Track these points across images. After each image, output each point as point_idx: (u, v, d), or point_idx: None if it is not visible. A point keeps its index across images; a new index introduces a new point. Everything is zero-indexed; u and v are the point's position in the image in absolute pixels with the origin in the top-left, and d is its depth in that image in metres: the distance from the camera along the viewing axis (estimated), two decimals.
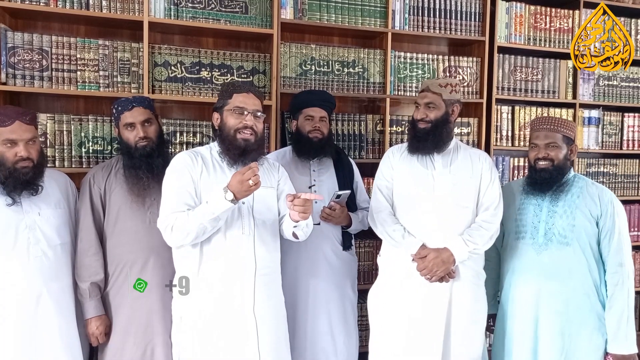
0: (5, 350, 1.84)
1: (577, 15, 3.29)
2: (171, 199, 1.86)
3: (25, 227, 1.89)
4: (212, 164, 1.93)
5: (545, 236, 2.11)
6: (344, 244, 2.45)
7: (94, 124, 2.56)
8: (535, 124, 2.19)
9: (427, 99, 2.14)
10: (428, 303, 2.07)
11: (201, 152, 1.96)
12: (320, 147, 2.40)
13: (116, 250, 2.08)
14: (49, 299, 1.91)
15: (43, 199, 1.95)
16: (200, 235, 1.80)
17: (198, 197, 1.87)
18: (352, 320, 2.47)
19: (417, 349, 2.07)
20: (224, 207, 1.74)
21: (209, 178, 1.89)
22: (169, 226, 1.81)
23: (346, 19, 2.90)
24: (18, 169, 1.85)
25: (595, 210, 2.08)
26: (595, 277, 2.08)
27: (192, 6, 2.65)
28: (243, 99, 1.90)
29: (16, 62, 2.42)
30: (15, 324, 1.86)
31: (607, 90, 3.43)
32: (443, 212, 2.09)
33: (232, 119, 1.89)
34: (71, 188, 2.12)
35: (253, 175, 1.71)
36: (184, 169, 1.88)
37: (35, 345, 1.89)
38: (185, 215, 1.79)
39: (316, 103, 2.44)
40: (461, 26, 3.09)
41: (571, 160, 2.18)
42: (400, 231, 2.11)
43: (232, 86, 1.96)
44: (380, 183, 2.23)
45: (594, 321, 2.07)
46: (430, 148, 2.14)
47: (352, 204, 2.46)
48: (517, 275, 2.17)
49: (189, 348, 1.87)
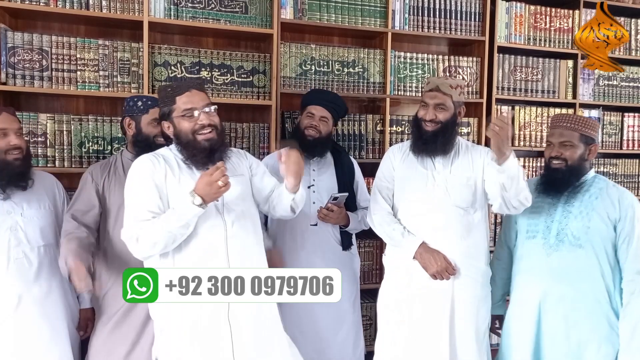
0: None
1: (577, 15, 3.29)
2: (134, 207, 1.72)
3: (6, 229, 1.86)
4: (176, 164, 1.78)
5: (557, 237, 2.02)
6: (343, 243, 2.44)
7: (94, 124, 2.56)
8: (553, 121, 2.09)
9: (437, 100, 2.08)
10: (431, 302, 2.07)
11: (162, 154, 1.81)
12: (313, 145, 2.37)
13: (116, 249, 2.07)
14: (31, 302, 1.88)
15: (27, 198, 1.92)
16: (169, 244, 1.67)
17: (165, 201, 1.73)
18: (350, 321, 2.45)
19: (424, 349, 2.06)
20: (192, 213, 1.62)
21: (175, 178, 1.75)
22: (133, 237, 1.67)
23: (346, 19, 2.90)
24: (9, 160, 1.84)
25: (614, 213, 1.96)
26: (608, 283, 1.96)
27: (192, 6, 2.65)
28: (187, 98, 1.74)
29: (16, 62, 2.42)
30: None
31: (607, 90, 3.43)
32: (442, 212, 2.08)
33: (185, 123, 1.74)
34: (58, 189, 2.09)
35: (222, 176, 1.60)
36: (145, 173, 1.73)
37: (17, 348, 1.85)
38: (150, 224, 1.65)
39: (320, 102, 2.43)
40: (461, 26, 3.09)
41: (589, 161, 2.06)
42: (400, 230, 2.10)
43: (170, 89, 1.79)
44: (381, 184, 2.22)
45: (604, 329, 1.95)
46: (436, 150, 2.10)
47: (351, 203, 2.46)
48: (525, 276, 2.10)
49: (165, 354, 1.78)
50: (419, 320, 2.07)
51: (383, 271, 2.29)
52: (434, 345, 2.06)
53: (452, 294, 2.07)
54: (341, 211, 2.34)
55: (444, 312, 2.06)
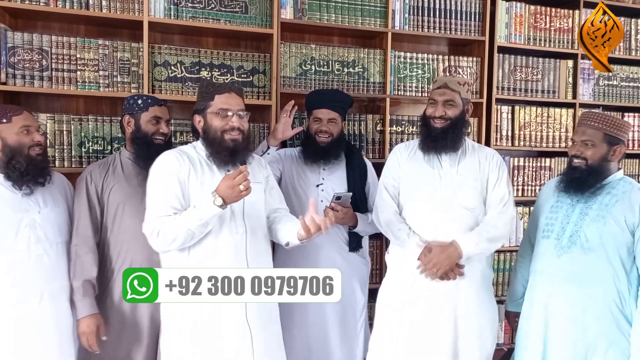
0: (5, 350, 1.83)
1: (577, 15, 3.29)
2: (157, 202, 1.78)
3: (25, 226, 1.88)
4: (199, 163, 1.85)
5: (570, 238, 1.97)
6: (350, 244, 2.41)
7: (94, 124, 2.56)
8: (580, 118, 2.04)
9: (446, 96, 2.08)
10: (434, 303, 2.06)
11: (186, 151, 1.88)
12: (327, 150, 2.38)
13: (115, 248, 2.08)
14: (49, 298, 1.91)
15: (42, 197, 1.95)
16: (187, 241, 1.74)
17: (186, 198, 1.80)
18: (353, 324, 2.43)
19: (425, 350, 2.06)
20: (212, 213, 1.68)
21: (198, 178, 1.82)
22: (154, 231, 1.74)
23: (346, 18, 2.90)
24: (32, 156, 1.88)
25: (632, 218, 1.89)
26: (621, 288, 1.91)
27: (192, 6, 2.65)
28: (226, 99, 1.83)
29: (16, 62, 2.42)
30: (15, 324, 1.85)
31: (607, 90, 3.43)
32: (448, 212, 2.07)
33: (217, 121, 1.82)
34: (68, 187, 2.12)
35: (244, 180, 1.65)
36: (170, 170, 1.80)
37: (34, 345, 1.88)
38: (172, 220, 1.72)
39: (325, 104, 2.41)
40: (461, 26, 3.09)
41: (612, 163, 1.99)
42: (405, 230, 2.09)
43: (212, 87, 1.89)
44: (387, 181, 2.21)
45: (614, 335, 1.91)
46: (446, 147, 2.09)
47: (362, 205, 2.43)
48: (536, 275, 2.08)
49: (177, 356, 1.82)
50: (422, 322, 2.07)
51: (384, 271, 2.28)
52: (436, 347, 2.05)
53: (455, 295, 2.06)
54: (347, 211, 2.31)
55: (447, 314, 2.05)
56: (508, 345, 3.21)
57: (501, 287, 3.20)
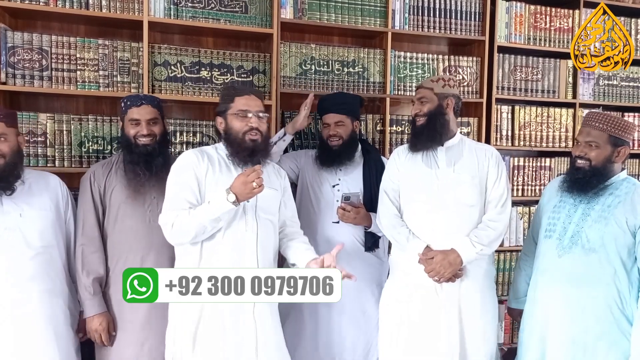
0: None
1: (577, 15, 3.28)
2: (174, 196, 1.87)
3: (3, 229, 1.85)
4: (218, 162, 1.93)
5: (571, 239, 1.97)
6: (366, 244, 2.41)
7: (93, 124, 2.56)
8: (584, 119, 2.03)
9: (419, 95, 2.19)
10: (438, 303, 2.07)
11: (207, 151, 1.96)
12: (339, 153, 2.40)
13: (116, 248, 2.08)
14: (29, 302, 1.88)
15: (27, 199, 1.92)
16: (199, 235, 1.81)
17: (202, 195, 1.87)
18: (364, 325, 2.41)
19: (430, 350, 2.06)
20: (225, 208, 1.75)
21: (214, 177, 1.89)
22: (169, 223, 1.81)
23: (346, 18, 2.90)
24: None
25: (633, 220, 1.88)
26: (622, 289, 1.90)
27: (192, 6, 2.65)
28: (246, 101, 1.92)
29: (16, 62, 2.42)
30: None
31: (607, 90, 3.43)
32: (447, 211, 2.09)
33: (237, 122, 1.91)
34: (62, 191, 2.07)
35: (257, 178, 1.72)
36: (189, 166, 1.88)
37: (16, 349, 1.86)
38: (186, 214, 1.79)
39: (330, 109, 2.44)
40: (461, 26, 3.09)
41: (616, 164, 1.99)
42: (405, 234, 2.11)
43: (233, 89, 1.98)
44: (387, 186, 2.23)
45: (614, 335, 1.91)
46: (426, 142, 2.13)
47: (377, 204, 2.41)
48: (537, 274, 2.09)
49: (185, 350, 1.85)
50: (426, 322, 2.08)
51: (387, 272, 2.29)
52: (442, 347, 2.06)
53: (459, 295, 2.08)
54: (358, 211, 2.30)
55: (452, 314, 2.07)
56: (508, 345, 3.21)
57: (501, 287, 3.20)
